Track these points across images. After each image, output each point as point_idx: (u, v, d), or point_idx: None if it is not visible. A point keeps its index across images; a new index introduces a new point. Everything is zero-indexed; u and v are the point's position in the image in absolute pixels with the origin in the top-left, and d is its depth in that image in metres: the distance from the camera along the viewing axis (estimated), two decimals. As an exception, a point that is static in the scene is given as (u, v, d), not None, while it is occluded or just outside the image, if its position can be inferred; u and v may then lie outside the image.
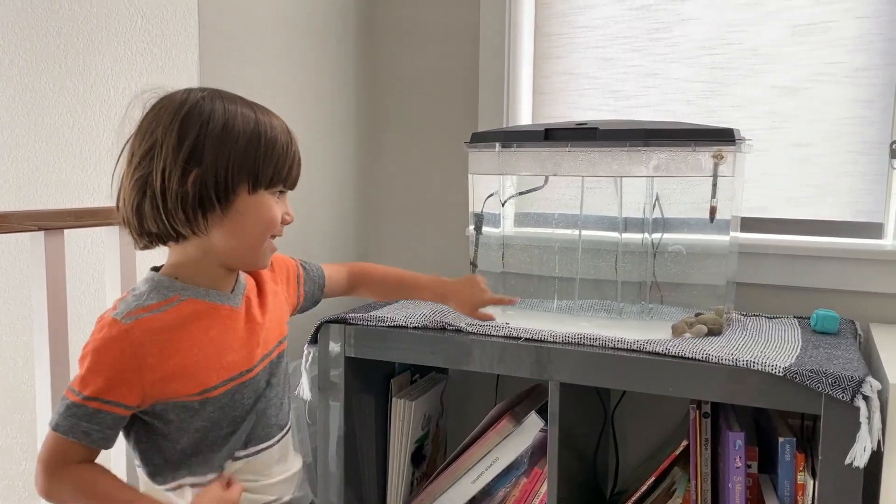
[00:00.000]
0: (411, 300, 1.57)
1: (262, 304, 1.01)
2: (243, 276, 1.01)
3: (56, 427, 0.86)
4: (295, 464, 1.04)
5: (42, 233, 1.14)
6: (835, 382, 1.05)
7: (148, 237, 0.91)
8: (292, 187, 0.97)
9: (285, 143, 0.93)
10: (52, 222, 1.15)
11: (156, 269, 0.95)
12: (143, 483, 0.95)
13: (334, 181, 1.77)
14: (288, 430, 1.03)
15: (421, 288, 1.26)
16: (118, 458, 1.27)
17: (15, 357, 1.54)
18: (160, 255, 0.96)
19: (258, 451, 0.97)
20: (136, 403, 0.88)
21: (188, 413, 0.90)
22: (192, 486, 0.93)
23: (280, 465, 1.01)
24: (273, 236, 0.96)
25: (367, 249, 1.92)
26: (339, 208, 1.80)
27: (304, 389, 1.38)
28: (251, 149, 0.90)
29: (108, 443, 0.88)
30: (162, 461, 0.92)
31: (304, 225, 1.66)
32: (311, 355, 1.39)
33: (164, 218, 0.88)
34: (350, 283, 1.24)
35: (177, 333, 0.89)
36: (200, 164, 0.87)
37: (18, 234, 1.13)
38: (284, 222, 0.96)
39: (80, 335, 1.46)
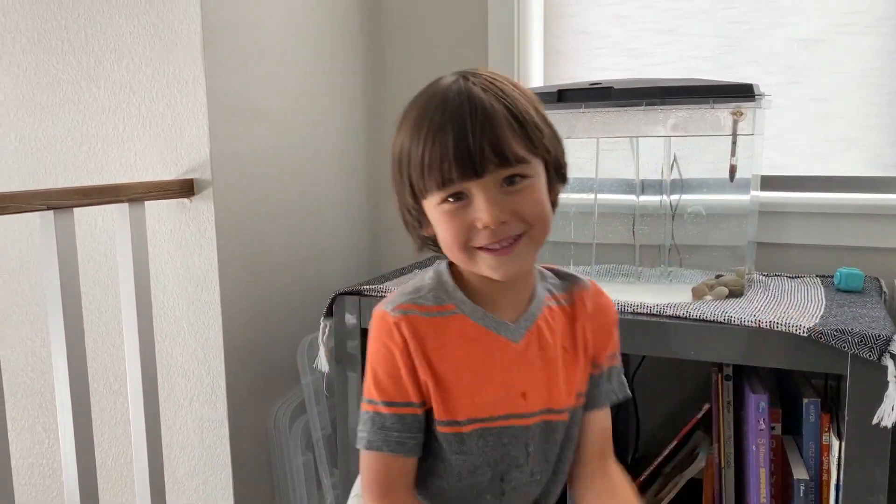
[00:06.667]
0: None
1: (558, 349, 0.83)
2: (538, 305, 0.83)
3: (370, 445, 0.80)
4: None
5: (51, 212, 1.13)
6: (861, 341, 1.02)
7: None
8: (475, 176, 0.74)
9: (431, 140, 0.75)
10: (60, 201, 1.14)
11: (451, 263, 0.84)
12: None
13: (343, 151, 1.75)
14: None
15: None
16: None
17: (32, 336, 1.55)
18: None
19: None
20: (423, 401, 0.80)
21: (440, 442, 0.81)
22: None
23: None
24: (480, 247, 0.76)
25: (378, 218, 1.90)
26: (350, 179, 1.77)
27: (322, 362, 1.39)
28: (408, 154, 0.78)
29: (421, 448, 0.81)
30: (424, 491, 0.85)
31: (314, 192, 1.64)
32: (328, 328, 1.39)
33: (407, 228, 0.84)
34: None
35: (438, 349, 0.79)
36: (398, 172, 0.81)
37: (28, 213, 1.12)
38: (478, 227, 0.75)
39: (95, 313, 1.46)
